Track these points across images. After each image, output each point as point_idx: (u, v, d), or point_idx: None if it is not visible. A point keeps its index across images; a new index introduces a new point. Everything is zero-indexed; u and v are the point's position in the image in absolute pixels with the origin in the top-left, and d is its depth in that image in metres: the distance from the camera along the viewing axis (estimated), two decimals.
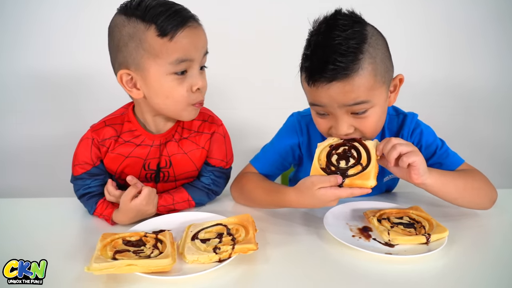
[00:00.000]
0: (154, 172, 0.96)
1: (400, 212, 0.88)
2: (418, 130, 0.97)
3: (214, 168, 1.00)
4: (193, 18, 0.84)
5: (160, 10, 0.79)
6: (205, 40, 0.87)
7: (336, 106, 0.79)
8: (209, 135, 0.98)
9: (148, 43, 0.80)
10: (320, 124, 0.87)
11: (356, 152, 0.81)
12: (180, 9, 0.82)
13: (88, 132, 0.94)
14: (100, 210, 0.90)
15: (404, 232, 0.80)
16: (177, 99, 0.85)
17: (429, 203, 0.96)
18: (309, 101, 0.85)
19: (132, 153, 0.93)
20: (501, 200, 1.01)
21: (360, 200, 0.95)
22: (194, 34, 0.83)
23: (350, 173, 0.79)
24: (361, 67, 0.76)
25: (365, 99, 0.78)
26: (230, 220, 0.83)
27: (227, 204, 1.00)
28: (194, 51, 0.83)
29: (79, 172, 0.93)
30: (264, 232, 0.84)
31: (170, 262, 0.68)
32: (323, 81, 0.77)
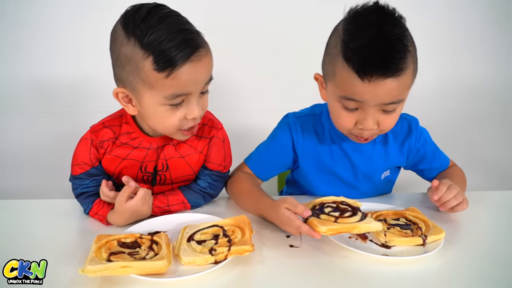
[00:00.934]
0: (150, 175, 0.95)
1: (396, 214, 0.88)
2: (423, 139, 1.01)
3: (212, 172, 0.99)
4: (198, 48, 0.76)
5: (161, 39, 0.73)
6: (209, 70, 0.81)
7: (373, 103, 0.80)
8: (207, 139, 0.97)
9: (144, 73, 0.75)
10: (344, 119, 0.85)
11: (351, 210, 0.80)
12: (184, 40, 0.74)
13: (88, 133, 0.93)
14: (96, 209, 0.90)
15: (400, 233, 0.80)
16: (167, 127, 0.83)
17: (425, 204, 0.96)
18: (343, 95, 0.82)
19: (129, 155, 0.92)
20: (497, 202, 1.02)
21: None
22: (195, 70, 0.76)
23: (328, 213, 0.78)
24: (408, 66, 0.78)
25: (402, 98, 0.81)
26: (226, 222, 0.83)
27: (223, 205, 1.00)
28: (193, 85, 0.78)
29: (77, 172, 0.93)
30: (260, 233, 0.84)
31: (165, 264, 0.67)
32: (379, 76, 0.75)
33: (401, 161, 1.03)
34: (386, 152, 1.00)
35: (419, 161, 1.04)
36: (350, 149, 0.99)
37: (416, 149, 1.01)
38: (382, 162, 1.01)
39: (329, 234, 0.74)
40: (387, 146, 0.99)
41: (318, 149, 1.00)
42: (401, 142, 1.00)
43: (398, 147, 1.00)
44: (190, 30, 0.77)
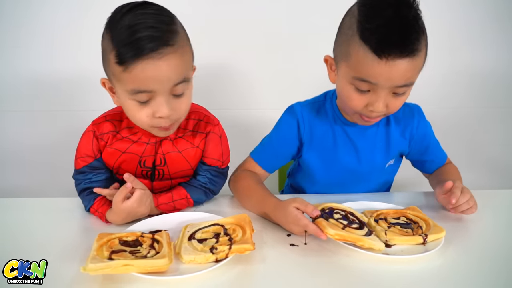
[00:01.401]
0: (150, 170, 0.96)
1: (397, 213, 0.88)
2: (424, 125, 1.02)
3: (210, 167, 0.99)
4: (162, 46, 0.74)
5: (126, 34, 0.73)
6: (176, 71, 0.78)
7: (386, 85, 0.80)
8: (204, 134, 0.97)
9: (111, 66, 0.77)
10: (356, 101, 0.85)
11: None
12: (147, 36, 0.73)
13: (90, 125, 0.94)
14: (96, 206, 0.90)
15: (401, 232, 0.80)
16: (138, 121, 0.84)
17: (425, 203, 0.96)
18: (357, 76, 0.82)
19: (129, 149, 0.93)
20: (498, 201, 1.02)
21: (357, 200, 0.95)
22: (154, 67, 0.75)
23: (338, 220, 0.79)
24: (422, 48, 0.79)
25: (413, 81, 0.82)
26: (227, 220, 0.83)
27: (224, 204, 1.00)
28: (154, 83, 0.77)
29: (80, 165, 0.94)
30: (261, 232, 0.84)
31: (166, 262, 0.68)
32: (396, 55, 0.76)
33: (404, 146, 1.02)
34: (388, 136, 1.00)
35: (423, 151, 1.04)
36: (354, 133, 0.99)
37: (418, 135, 1.01)
38: (385, 147, 1.01)
39: (336, 239, 0.74)
40: (389, 130, 1.00)
41: (322, 135, 1.00)
42: (403, 126, 1.00)
43: (400, 131, 1.01)
44: (161, 28, 0.75)
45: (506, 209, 0.98)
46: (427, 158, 1.06)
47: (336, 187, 1.03)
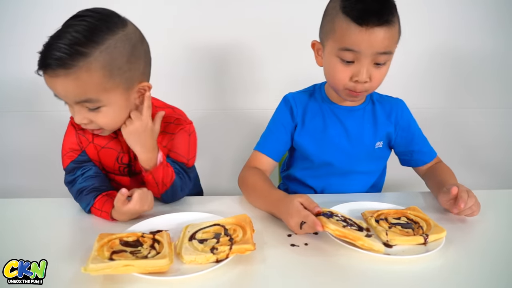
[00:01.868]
0: (126, 167, 0.98)
1: (397, 213, 0.88)
2: (407, 114, 1.10)
3: (176, 161, 0.99)
4: (55, 66, 0.77)
5: (46, 42, 0.78)
6: (70, 92, 0.81)
7: (368, 53, 0.89)
8: (172, 135, 0.98)
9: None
10: (341, 73, 0.94)
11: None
12: (49, 52, 0.77)
13: (70, 121, 0.98)
14: (99, 205, 0.90)
15: (402, 232, 0.80)
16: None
17: (426, 203, 0.96)
18: (342, 46, 0.91)
19: (108, 144, 0.96)
20: (499, 201, 1.02)
21: (358, 200, 0.95)
22: (50, 83, 0.80)
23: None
24: (396, 21, 0.91)
25: (391, 50, 0.92)
26: (228, 221, 0.83)
27: (224, 204, 1.00)
28: (60, 94, 0.82)
29: (67, 162, 0.96)
30: (261, 232, 0.84)
31: (167, 262, 0.68)
32: (375, 23, 0.87)
33: (390, 128, 1.08)
34: (375, 118, 1.08)
35: (410, 140, 1.09)
36: (342, 114, 1.07)
37: (403, 122, 1.08)
38: (372, 127, 1.08)
39: (336, 235, 0.74)
40: (375, 112, 1.08)
41: (313, 117, 1.09)
42: (389, 110, 1.09)
43: (386, 115, 1.08)
44: (65, 48, 0.76)
45: (507, 209, 0.98)
46: (414, 148, 1.10)
47: (328, 168, 1.09)
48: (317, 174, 1.11)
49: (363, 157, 1.09)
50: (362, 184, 1.13)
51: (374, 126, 1.07)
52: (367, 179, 1.13)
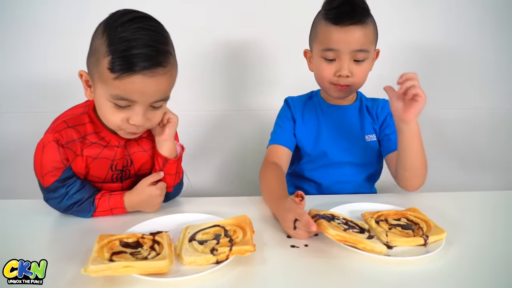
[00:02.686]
0: (120, 173, 0.97)
1: (397, 214, 0.88)
2: (386, 110, 1.18)
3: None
4: (155, 66, 0.79)
5: (125, 46, 0.76)
6: (161, 89, 0.83)
7: (346, 51, 1.01)
8: None
9: (101, 67, 0.79)
10: (326, 70, 1.06)
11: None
12: (144, 54, 0.77)
13: (49, 135, 0.89)
14: (103, 207, 0.91)
15: (402, 233, 0.80)
16: (109, 121, 0.86)
17: (426, 204, 0.96)
18: (324, 47, 1.04)
19: (101, 154, 0.93)
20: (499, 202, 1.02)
21: (358, 202, 0.95)
22: (144, 83, 0.79)
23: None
24: (370, 22, 1.03)
25: (367, 48, 1.03)
26: (228, 222, 0.83)
27: (224, 205, 1.00)
28: (138, 96, 0.81)
29: (50, 181, 0.89)
30: (261, 233, 0.84)
31: (167, 263, 0.68)
32: (348, 21, 0.99)
33: (375, 123, 1.18)
34: (362, 113, 1.19)
35: (384, 128, 1.18)
36: (335, 112, 1.19)
37: (382, 115, 1.18)
38: (359, 121, 1.18)
39: (337, 239, 0.74)
40: (362, 110, 1.20)
41: (310, 115, 1.20)
42: (372, 107, 1.20)
43: (370, 111, 1.19)
44: (158, 48, 0.79)
45: (506, 210, 0.98)
46: (386, 132, 1.16)
47: (324, 159, 1.17)
48: (315, 167, 1.19)
49: (355, 149, 1.17)
50: (356, 175, 1.19)
51: (361, 121, 1.18)
52: (362, 170, 1.19)
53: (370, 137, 1.17)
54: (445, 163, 1.72)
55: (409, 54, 1.60)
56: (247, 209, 0.97)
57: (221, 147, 1.69)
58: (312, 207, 0.94)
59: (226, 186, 1.72)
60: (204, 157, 1.69)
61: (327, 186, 1.18)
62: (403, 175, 1.04)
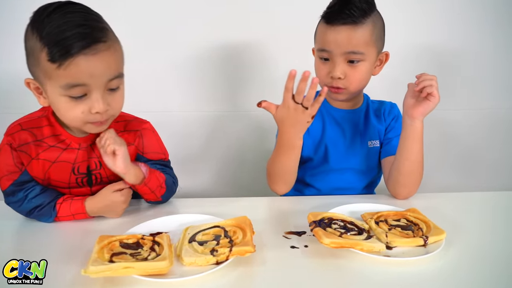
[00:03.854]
0: (85, 176, 0.93)
1: (397, 214, 0.88)
2: (393, 114, 1.17)
3: (155, 161, 0.99)
4: (94, 42, 0.76)
5: (56, 31, 0.74)
6: (110, 66, 0.80)
7: (338, 52, 0.99)
8: (137, 131, 0.98)
9: (42, 64, 0.76)
10: (320, 70, 1.05)
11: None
12: (78, 33, 0.74)
13: (4, 138, 0.88)
14: (64, 212, 0.89)
15: (402, 234, 0.80)
16: (71, 119, 0.82)
17: (425, 205, 0.96)
18: (319, 47, 1.03)
19: (60, 157, 0.90)
20: (498, 202, 1.02)
21: (358, 202, 0.95)
22: (88, 62, 0.76)
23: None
24: (367, 22, 0.98)
25: (361, 51, 0.99)
26: (228, 222, 0.83)
27: (224, 205, 1.00)
28: (89, 78, 0.77)
29: (6, 184, 0.89)
30: (261, 234, 0.84)
31: (167, 264, 0.68)
32: (339, 21, 0.97)
33: (380, 126, 1.16)
34: (367, 117, 1.16)
35: (389, 131, 1.16)
36: (339, 116, 1.16)
37: (389, 118, 1.16)
38: (364, 126, 1.15)
39: (332, 247, 0.74)
40: (368, 114, 1.17)
41: (314, 119, 1.11)
42: (378, 110, 1.18)
43: (376, 115, 1.17)
44: (91, 25, 0.77)
45: (506, 210, 0.98)
46: (390, 135, 1.14)
47: (325, 165, 1.14)
48: (315, 172, 1.17)
49: (358, 155, 1.14)
50: (357, 182, 1.17)
51: (365, 126, 1.15)
52: (363, 178, 1.17)
53: (373, 143, 1.15)
54: (445, 163, 1.73)
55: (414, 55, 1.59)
56: (247, 210, 0.96)
57: (220, 148, 1.68)
58: (311, 208, 0.94)
59: (224, 187, 1.72)
60: (202, 159, 1.69)
61: (326, 192, 1.16)
62: (396, 178, 1.03)
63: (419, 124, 0.97)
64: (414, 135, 0.98)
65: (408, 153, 1.00)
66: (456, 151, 1.73)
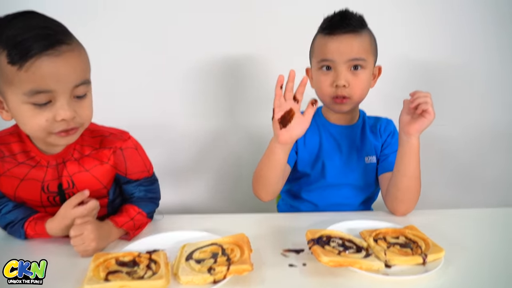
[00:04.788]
0: (56, 195, 0.89)
1: (396, 232, 0.88)
2: (389, 130, 1.18)
3: (139, 181, 0.97)
4: (58, 43, 0.73)
5: (17, 33, 0.70)
6: (76, 70, 0.76)
7: (341, 60, 1.02)
8: (111, 149, 0.92)
9: (3, 71, 0.72)
10: (324, 81, 1.06)
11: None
12: (40, 34, 0.71)
13: None
14: (31, 230, 0.87)
15: (400, 252, 0.79)
16: (35, 128, 0.76)
17: (424, 222, 0.95)
18: (320, 58, 1.05)
19: (28, 175, 0.86)
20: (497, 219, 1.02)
21: (356, 219, 0.95)
22: (53, 64, 0.72)
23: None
24: (364, 32, 1.05)
25: (363, 57, 1.03)
26: (225, 240, 0.82)
27: (222, 222, 0.99)
28: (54, 82, 0.73)
29: None
30: (259, 251, 0.83)
31: (164, 283, 0.67)
32: (340, 30, 1.02)
33: (377, 142, 1.16)
34: (363, 133, 1.17)
35: (385, 147, 1.16)
36: (336, 131, 1.17)
37: (385, 134, 1.17)
38: (360, 141, 1.16)
39: (331, 265, 0.73)
40: (364, 129, 1.18)
41: (312, 134, 1.17)
42: (374, 126, 1.18)
43: (372, 131, 1.18)
44: (53, 28, 0.74)
45: (505, 227, 0.98)
46: (387, 151, 1.15)
47: (322, 181, 1.15)
48: (312, 187, 1.17)
49: (355, 170, 1.15)
50: (354, 197, 1.17)
51: (362, 142, 1.16)
52: (360, 193, 1.17)
53: (370, 159, 1.15)
54: (442, 179, 1.73)
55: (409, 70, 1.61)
56: (244, 227, 0.95)
57: (217, 163, 1.68)
58: (309, 225, 0.93)
59: (221, 202, 1.71)
60: (198, 172, 1.68)
61: (324, 207, 1.16)
62: (394, 195, 1.03)
63: (415, 141, 0.98)
64: (410, 152, 0.98)
65: (406, 169, 1.00)
66: (452, 167, 1.73)
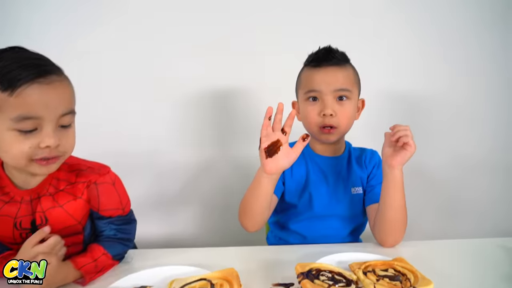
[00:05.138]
0: (29, 231, 0.86)
1: (385, 264, 0.88)
2: (374, 161, 1.20)
3: (111, 219, 0.94)
4: (48, 73, 0.76)
5: (6, 65, 0.74)
6: (64, 99, 0.79)
7: (327, 90, 1.06)
8: (85, 183, 0.91)
9: None
10: (310, 112, 1.09)
11: None
12: (31, 64, 0.75)
13: None
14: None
15: (389, 285, 0.79)
16: (17, 156, 0.77)
17: (412, 253, 0.96)
18: (307, 89, 1.10)
19: (1, 211, 0.85)
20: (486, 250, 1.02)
21: (345, 251, 0.95)
22: (43, 91, 0.75)
23: None
24: (348, 66, 1.12)
25: (348, 88, 1.08)
26: (214, 275, 0.81)
27: (211, 257, 0.98)
28: (43, 109, 0.75)
29: None
30: (249, 286, 0.82)
31: None
32: (326, 62, 1.08)
33: (362, 173, 1.18)
34: (349, 164, 1.19)
35: (371, 179, 1.18)
36: (323, 163, 1.18)
37: (370, 165, 1.19)
38: (347, 173, 1.18)
39: None
40: (350, 161, 1.20)
41: (299, 166, 1.18)
42: (360, 157, 1.21)
43: (358, 162, 1.20)
44: (43, 59, 0.79)
45: (494, 258, 0.99)
46: (373, 183, 1.16)
47: (310, 212, 1.15)
48: (300, 219, 1.17)
49: (341, 201, 1.16)
50: (342, 228, 1.18)
51: (348, 173, 1.18)
52: (347, 224, 1.18)
53: (356, 190, 1.17)
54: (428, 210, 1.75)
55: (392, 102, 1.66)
56: (234, 261, 0.95)
57: (204, 194, 1.68)
58: (299, 258, 0.93)
59: (210, 236, 1.69)
60: (186, 203, 1.67)
61: (312, 239, 1.16)
62: (382, 227, 1.04)
63: (398, 173, 1.00)
64: (394, 183, 1.00)
65: (391, 201, 1.02)
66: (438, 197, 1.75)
